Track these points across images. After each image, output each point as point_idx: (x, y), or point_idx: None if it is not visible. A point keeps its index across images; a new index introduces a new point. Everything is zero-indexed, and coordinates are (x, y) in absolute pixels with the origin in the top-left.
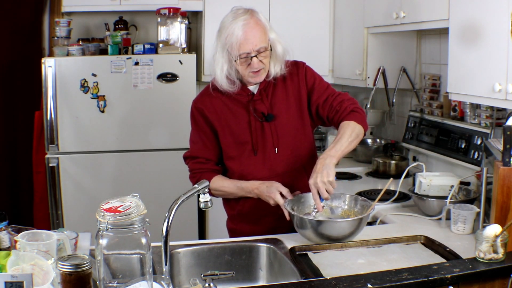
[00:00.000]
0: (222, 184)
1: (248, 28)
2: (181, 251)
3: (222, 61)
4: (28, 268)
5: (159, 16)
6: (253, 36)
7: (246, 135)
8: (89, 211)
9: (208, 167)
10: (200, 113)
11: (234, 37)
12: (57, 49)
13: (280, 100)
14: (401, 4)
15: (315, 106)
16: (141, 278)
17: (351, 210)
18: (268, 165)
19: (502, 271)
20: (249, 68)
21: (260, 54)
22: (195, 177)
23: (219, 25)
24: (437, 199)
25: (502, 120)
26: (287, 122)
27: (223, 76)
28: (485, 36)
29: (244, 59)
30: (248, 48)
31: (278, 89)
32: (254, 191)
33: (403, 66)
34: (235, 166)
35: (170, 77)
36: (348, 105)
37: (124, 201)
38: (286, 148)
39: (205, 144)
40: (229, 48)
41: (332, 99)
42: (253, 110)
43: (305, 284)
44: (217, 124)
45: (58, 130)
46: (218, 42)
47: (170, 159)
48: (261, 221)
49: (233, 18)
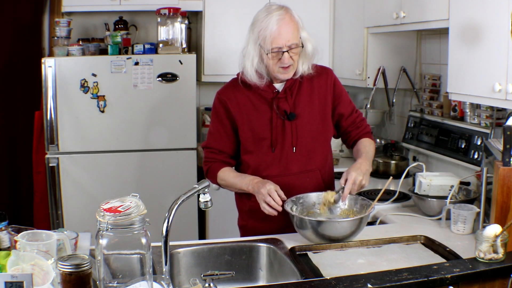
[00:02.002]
0: (226, 175)
1: (283, 23)
2: (181, 251)
3: (253, 54)
4: (28, 268)
5: (159, 16)
6: (287, 32)
7: (266, 131)
8: (89, 211)
9: (220, 158)
10: (223, 105)
11: (268, 31)
12: (57, 49)
13: (304, 101)
14: (401, 4)
15: (338, 116)
16: (141, 278)
17: (350, 210)
18: (283, 163)
19: (502, 271)
20: (279, 63)
21: (291, 50)
22: (206, 165)
23: (252, 19)
24: (437, 199)
25: (502, 120)
26: (308, 123)
27: (253, 70)
28: (485, 36)
29: (276, 54)
30: (281, 42)
31: (303, 89)
32: (249, 187)
33: (403, 66)
34: (252, 160)
35: (170, 77)
36: (367, 125)
37: (124, 201)
38: (304, 148)
39: (221, 136)
40: (261, 42)
41: (356, 115)
42: (276, 108)
43: (305, 284)
44: (238, 117)
45: (58, 130)
46: (251, 36)
47: (170, 159)
48: (271, 218)
49: (268, 13)
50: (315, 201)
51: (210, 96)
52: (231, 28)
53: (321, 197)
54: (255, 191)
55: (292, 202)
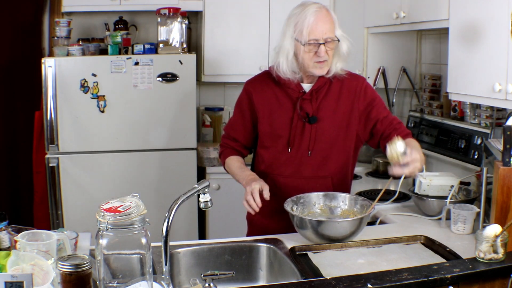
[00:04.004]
0: (232, 164)
1: (320, 15)
2: (181, 251)
3: (289, 48)
4: (28, 268)
5: (159, 16)
6: (324, 24)
7: (285, 129)
8: (89, 211)
9: (233, 145)
10: (248, 95)
11: (306, 22)
12: (57, 49)
13: (329, 105)
14: (401, 4)
15: (374, 121)
16: (141, 278)
17: (350, 210)
18: (296, 165)
19: (502, 271)
20: (315, 57)
21: (328, 45)
22: (220, 148)
23: (288, 15)
24: (437, 199)
25: (502, 120)
26: (328, 128)
27: (288, 65)
28: (485, 36)
29: (312, 46)
30: (318, 35)
31: (331, 93)
32: (243, 182)
33: (403, 66)
34: (266, 156)
35: (170, 77)
36: (406, 128)
37: (124, 201)
38: (320, 153)
39: (238, 126)
40: (297, 35)
41: (392, 118)
42: (299, 108)
43: (305, 284)
44: (260, 110)
45: (58, 130)
46: (287, 30)
47: (170, 159)
48: (278, 215)
49: (304, 7)
50: (315, 201)
51: (210, 96)
52: (231, 28)
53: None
54: (245, 187)
55: (293, 202)
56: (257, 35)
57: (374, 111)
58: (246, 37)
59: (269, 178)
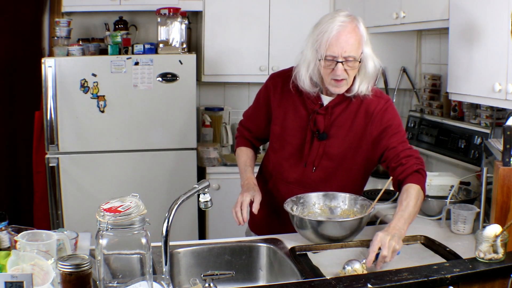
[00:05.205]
0: (240, 156)
1: (343, 30)
2: (181, 251)
3: (310, 58)
4: (28, 268)
5: (159, 16)
6: (345, 41)
7: (295, 137)
8: (89, 211)
9: (246, 135)
10: (268, 91)
11: (326, 35)
12: (57, 49)
13: (343, 123)
14: (401, 4)
15: (382, 150)
16: (141, 278)
17: (350, 210)
18: (299, 175)
19: (502, 271)
20: (332, 74)
21: (347, 63)
22: (237, 133)
23: (318, 20)
24: (437, 199)
25: (502, 120)
26: (337, 147)
27: (307, 76)
28: (485, 36)
29: (329, 62)
30: (337, 51)
31: (347, 112)
32: (241, 184)
33: (403, 66)
34: (274, 158)
35: (170, 77)
36: (414, 163)
37: (124, 201)
38: (324, 171)
39: (253, 117)
40: (317, 46)
41: (402, 149)
42: (313, 122)
43: (305, 284)
44: (275, 109)
45: (58, 130)
46: (310, 38)
47: (170, 159)
48: (279, 214)
49: (332, 17)
50: (315, 201)
51: (210, 96)
52: (231, 28)
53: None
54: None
55: (292, 202)
56: (257, 35)
57: (385, 140)
58: (246, 37)
59: (273, 180)
